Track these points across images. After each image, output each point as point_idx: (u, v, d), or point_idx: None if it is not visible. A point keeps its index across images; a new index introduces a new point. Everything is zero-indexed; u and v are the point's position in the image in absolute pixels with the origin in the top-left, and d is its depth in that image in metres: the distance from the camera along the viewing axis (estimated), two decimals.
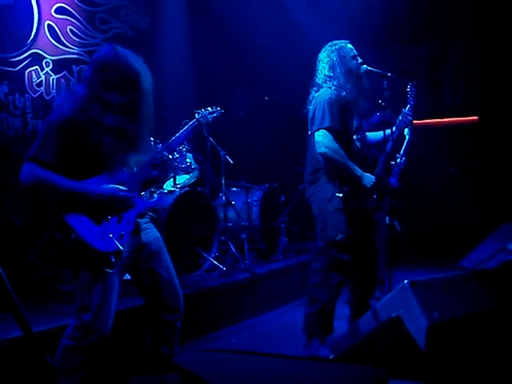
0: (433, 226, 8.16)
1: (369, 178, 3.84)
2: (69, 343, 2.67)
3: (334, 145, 3.76)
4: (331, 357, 3.52)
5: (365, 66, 3.94)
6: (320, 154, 3.81)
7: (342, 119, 3.83)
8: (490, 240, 5.59)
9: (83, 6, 6.28)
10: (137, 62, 2.83)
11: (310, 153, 3.98)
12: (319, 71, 3.97)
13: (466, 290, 3.40)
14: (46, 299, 4.30)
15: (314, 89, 3.99)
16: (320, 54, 4.00)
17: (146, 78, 2.84)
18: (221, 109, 3.76)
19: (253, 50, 7.69)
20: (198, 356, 1.61)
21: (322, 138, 3.77)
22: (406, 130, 4.25)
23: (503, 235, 5.49)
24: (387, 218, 3.87)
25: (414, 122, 4.21)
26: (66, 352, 2.66)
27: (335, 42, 4.00)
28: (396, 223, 3.92)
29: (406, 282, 3.18)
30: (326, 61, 3.93)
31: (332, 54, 3.91)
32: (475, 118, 8.59)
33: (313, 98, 3.95)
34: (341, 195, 3.80)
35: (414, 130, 4.30)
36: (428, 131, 8.20)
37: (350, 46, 3.99)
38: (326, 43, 4.04)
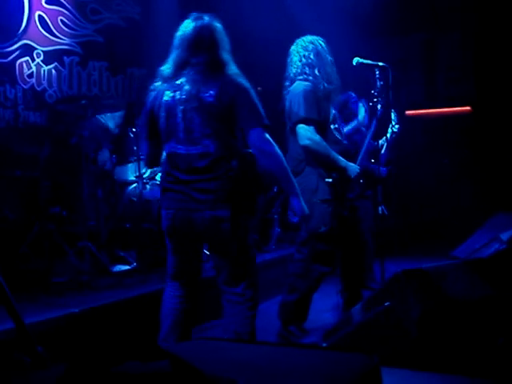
0: (426, 216, 8.18)
1: (353, 169, 3.81)
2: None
3: (316, 136, 3.73)
4: (324, 345, 3.53)
5: (356, 57, 3.94)
6: (302, 146, 3.78)
7: (319, 109, 3.79)
8: (483, 230, 5.62)
9: None
10: None
11: (291, 146, 3.95)
12: (293, 63, 3.90)
13: (458, 279, 3.41)
14: (37, 291, 4.28)
15: (287, 83, 3.94)
16: (294, 47, 3.94)
17: None
18: None
19: (246, 41, 7.62)
20: (188, 344, 1.61)
21: (303, 131, 3.74)
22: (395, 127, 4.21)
23: (496, 225, 5.52)
24: (380, 208, 3.88)
25: (408, 112, 4.21)
26: None
27: (307, 36, 3.94)
28: (384, 208, 3.93)
29: (399, 271, 3.19)
30: (305, 50, 3.86)
31: (310, 45, 3.86)
32: (469, 108, 8.58)
33: (288, 92, 3.91)
34: (330, 180, 3.76)
35: (409, 120, 4.29)
36: (421, 121, 8.20)
37: (322, 42, 3.94)
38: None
